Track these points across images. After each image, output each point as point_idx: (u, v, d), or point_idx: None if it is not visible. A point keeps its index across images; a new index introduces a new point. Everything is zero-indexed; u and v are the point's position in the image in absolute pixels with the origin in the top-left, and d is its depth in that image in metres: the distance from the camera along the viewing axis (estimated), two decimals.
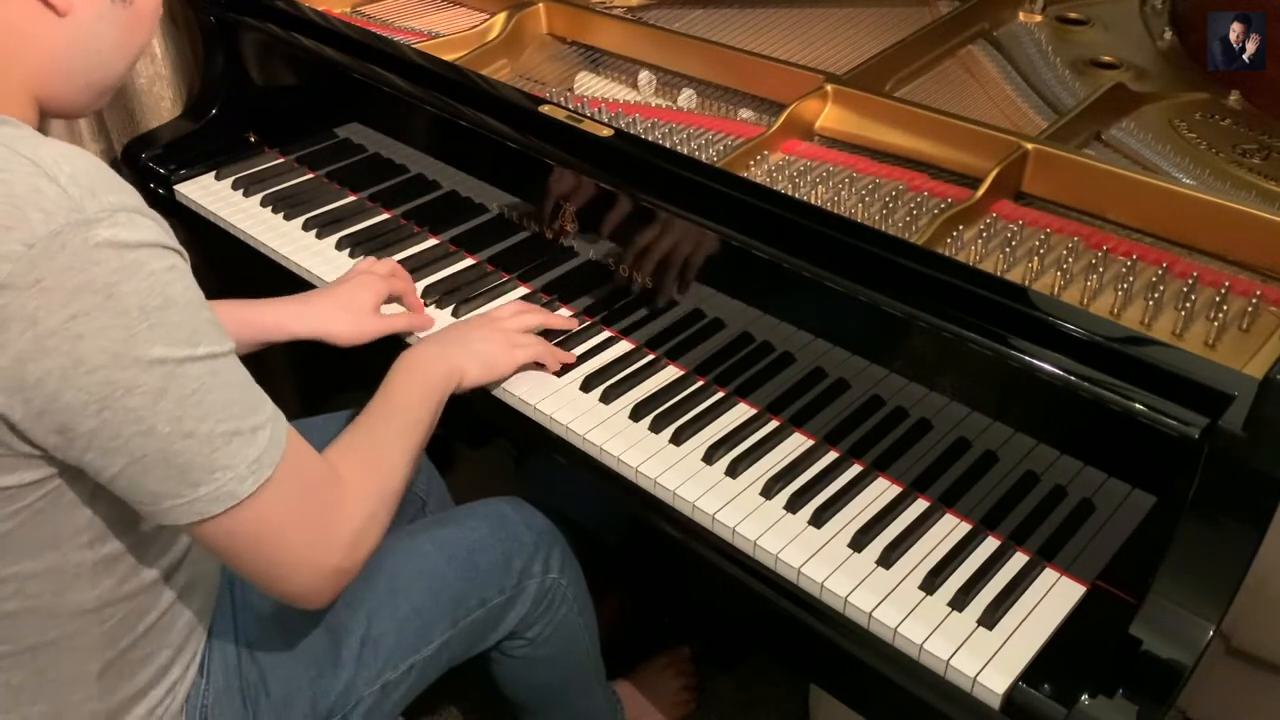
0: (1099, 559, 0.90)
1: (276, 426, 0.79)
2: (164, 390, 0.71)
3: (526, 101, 1.24)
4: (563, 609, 1.20)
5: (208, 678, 0.96)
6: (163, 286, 0.71)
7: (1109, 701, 0.79)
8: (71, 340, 0.67)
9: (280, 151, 1.58)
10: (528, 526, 1.18)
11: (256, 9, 1.50)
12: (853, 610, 0.90)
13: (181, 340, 0.72)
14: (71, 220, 0.67)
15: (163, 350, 0.70)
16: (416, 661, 1.07)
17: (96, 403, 0.69)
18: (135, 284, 0.69)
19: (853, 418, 1.04)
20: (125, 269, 0.69)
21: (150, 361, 0.70)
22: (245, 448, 0.75)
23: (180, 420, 0.72)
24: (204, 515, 0.75)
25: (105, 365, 0.68)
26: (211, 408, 0.73)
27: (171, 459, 0.72)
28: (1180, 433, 0.82)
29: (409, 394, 1.01)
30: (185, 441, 0.72)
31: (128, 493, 0.74)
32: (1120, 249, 1.05)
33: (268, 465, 0.77)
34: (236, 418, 0.75)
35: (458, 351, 1.07)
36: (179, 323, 0.72)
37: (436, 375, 1.04)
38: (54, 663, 0.83)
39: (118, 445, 0.71)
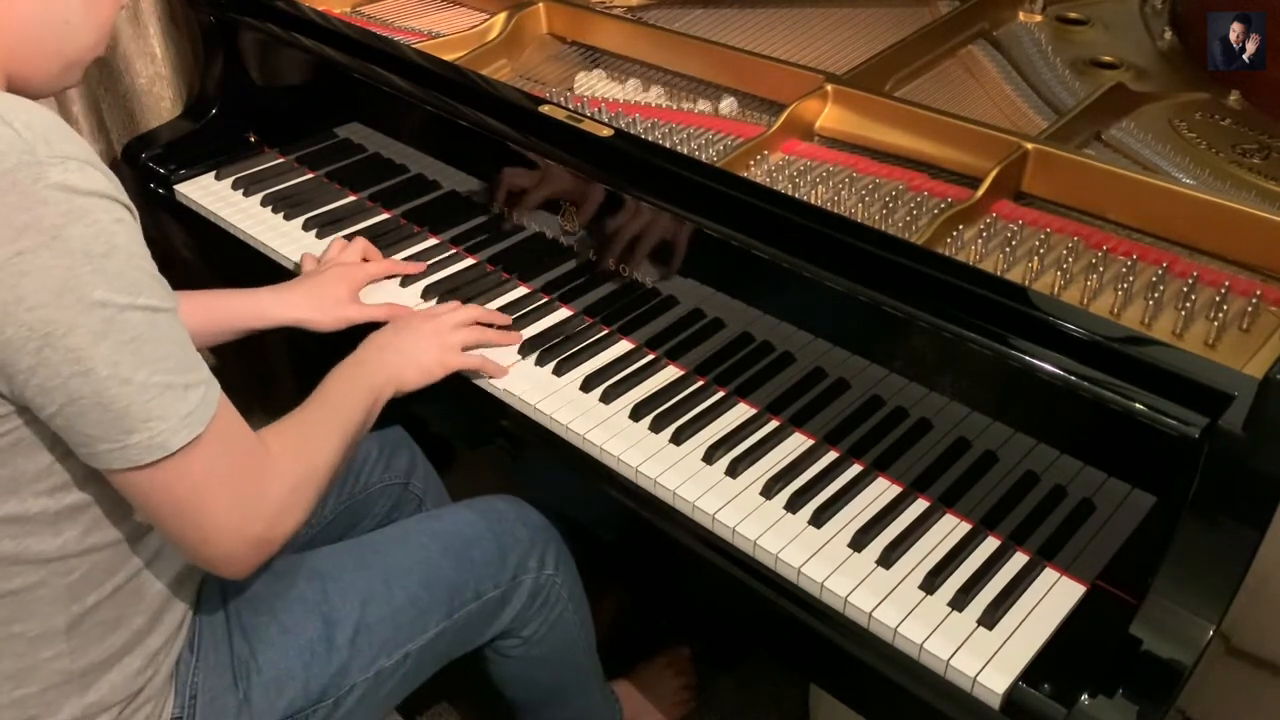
0: (1099, 559, 0.90)
1: (210, 389, 0.81)
2: (103, 334, 0.72)
3: (526, 101, 1.24)
4: (558, 607, 1.20)
5: (198, 654, 0.97)
6: (108, 235, 0.73)
7: (1109, 701, 0.79)
8: (16, 276, 0.69)
9: (280, 151, 1.58)
10: (523, 523, 1.18)
11: (256, 9, 1.50)
12: (853, 610, 0.90)
13: (123, 288, 0.74)
14: (23, 160, 0.70)
15: (104, 294, 0.72)
16: (411, 650, 1.08)
17: (37, 339, 0.71)
18: (81, 229, 0.71)
19: (853, 418, 1.04)
20: (72, 213, 0.71)
21: (92, 303, 0.72)
22: (177, 402, 0.77)
23: (117, 365, 0.73)
24: (135, 463, 0.76)
25: (47, 303, 0.70)
26: (148, 357, 0.75)
27: (108, 404, 0.74)
28: (1180, 433, 0.82)
29: (345, 394, 1.03)
30: (122, 387, 0.74)
31: (65, 433, 0.76)
32: (1120, 249, 1.05)
33: (199, 422, 0.78)
34: (171, 371, 0.77)
35: (395, 359, 1.10)
36: (121, 271, 0.74)
37: (375, 381, 1.06)
38: (18, 614, 0.84)
39: (56, 384, 0.73)
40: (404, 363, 1.10)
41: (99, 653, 0.88)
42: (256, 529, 0.85)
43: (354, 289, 1.25)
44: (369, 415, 1.04)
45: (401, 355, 1.10)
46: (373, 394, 1.04)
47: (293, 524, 0.89)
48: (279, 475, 0.87)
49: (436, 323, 1.15)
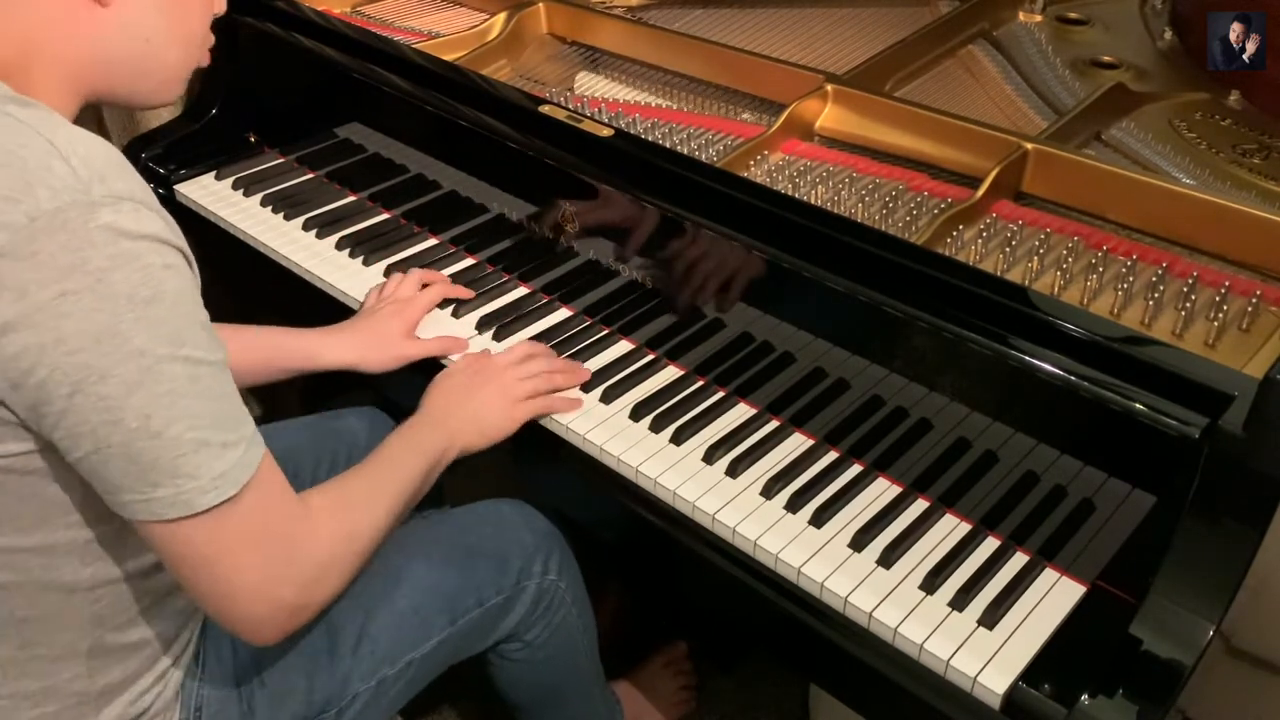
0: (1099, 559, 0.90)
1: (251, 449, 0.77)
2: (138, 384, 0.70)
3: (526, 101, 1.24)
4: (561, 612, 1.20)
5: (203, 666, 0.97)
6: (156, 281, 0.70)
7: (1109, 701, 0.79)
8: (56, 318, 0.68)
9: (280, 151, 1.58)
10: (528, 528, 1.18)
11: (256, 9, 1.50)
12: (853, 610, 0.90)
13: (165, 337, 0.71)
14: (76, 199, 0.68)
15: (143, 343, 0.70)
16: (414, 659, 1.07)
17: (70, 384, 0.69)
18: (127, 273, 0.69)
19: (853, 418, 1.04)
20: (120, 256, 0.69)
21: (130, 352, 0.70)
22: (212, 460, 0.74)
23: (149, 418, 0.71)
24: (158, 517, 0.74)
25: (85, 348, 0.68)
26: (183, 412, 0.72)
27: (134, 455, 0.72)
28: (1180, 433, 0.82)
29: (401, 457, 0.99)
30: (150, 440, 0.71)
31: (90, 478, 0.74)
32: (1120, 249, 1.05)
33: (232, 484, 0.75)
34: (208, 427, 0.74)
35: (457, 421, 1.05)
36: (165, 319, 0.71)
37: (433, 445, 1.02)
38: (43, 638, 0.83)
39: (84, 431, 0.71)
40: (468, 426, 1.06)
41: (117, 674, 0.88)
42: (287, 594, 0.81)
43: (409, 325, 1.20)
44: (426, 479, 1.00)
45: (466, 418, 1.06)
46: (430, 459, 1.00)
47: (328, 591, 0.85)
48: (316, 539, 0.84)
49: (503, 380, 1.10)
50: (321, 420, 1.31)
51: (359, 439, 1.28)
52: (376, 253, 1.35)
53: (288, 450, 1.22)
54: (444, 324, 1.24)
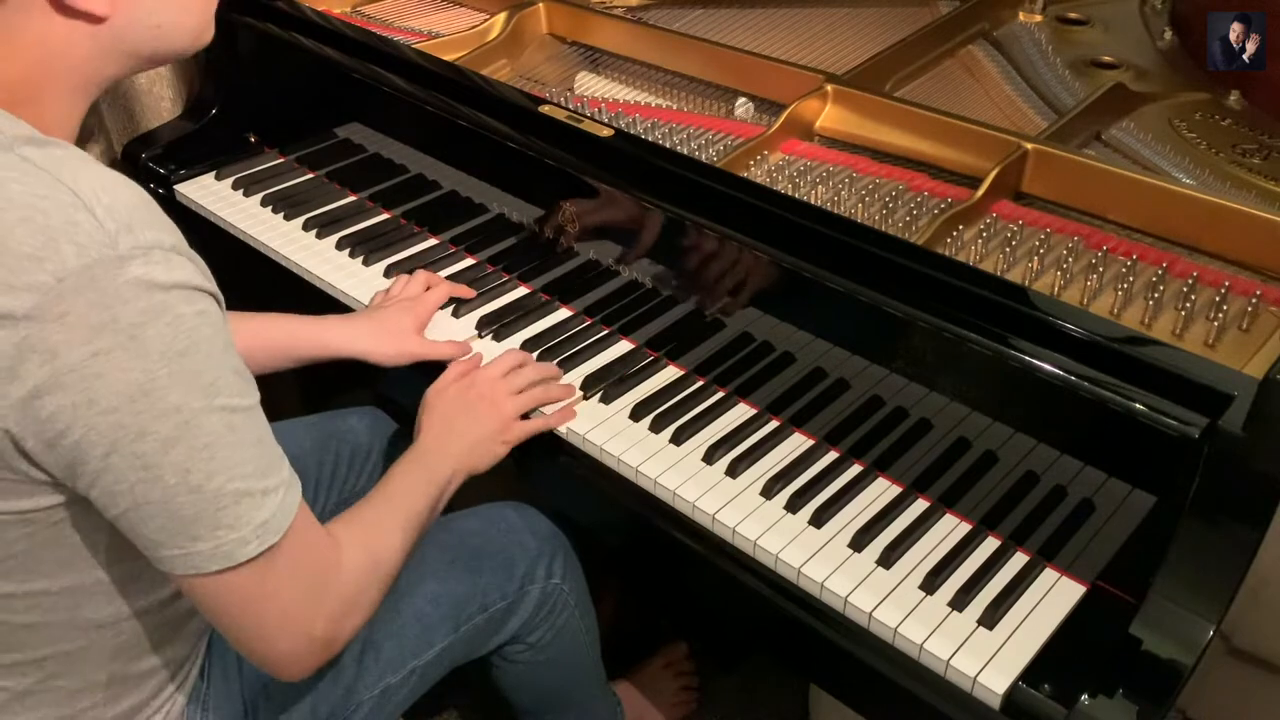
0: (1099, 559, 0.90)
1: (289, 492, 0.76)
2: (175, 440, 0.68)
3: (526, 101, 1.24)
4: (564, 614, 1.20)
5: (208, 681, 0.96)
6: (189, 331, 0.69)
7: (1109, 701, 0.79)
8: (89, 378, 0.66)
9: (280, 151, 1.58)
10: (531, 531, 1.18)
11: (256, 9, 1.50)
12: (853, 610, 0.90)
13: (201, 389, 0.69)
14: (104, 255, 0.65)
15: (179, 398, 0.68)
16: (417, 666, 1.07)
17: (106, 444, 0.67)
18: (160, 327, 0.67)
19: (853, 418, 1.04)
20: (152, 310, 0.67)
21: (166, 409, 0.68)
22: (253, 510, 0.73)
23: (188, 473, 0.69)
24: (198, 570, 0.73)
25: (119, 407, 0.67)
26: (223, 464, 0.71)
27: (175, 511, 0.70)
28: (1180, 433, 0.82)
29: (409, 488, 0.98)
30: (190, 495, 0.70)
31: (129, 534, 0.73)
32: (1120, 249, 1.05)
33: (274, 532, 0.74)
34: (248, 477, 0.72)
35: (457, 448, 1.04)
36: (199, 370, 0.69)
37: (439, 475, 1.01)
38: (65, 671, 0.82)
39: (122, 489, 0.69)
40: (467, 450, 1.04)
41: (133, 699, 0.88)
42: (319, 628, 0.81)
43: (419, 322, 1.20)
44: (435, 506, 0.99)
45: (464, 442, 1.05)
46: (438, 487, 0.99)
47: (357, 623, 0.85)
48: (344, 571, 0.83)
49: (494, 398, 1.08)
50: (323, 420, 1.31)
51: (360, 439, 1.29)
52: (376, 253, 1.35)
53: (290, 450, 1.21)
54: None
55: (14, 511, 0.72)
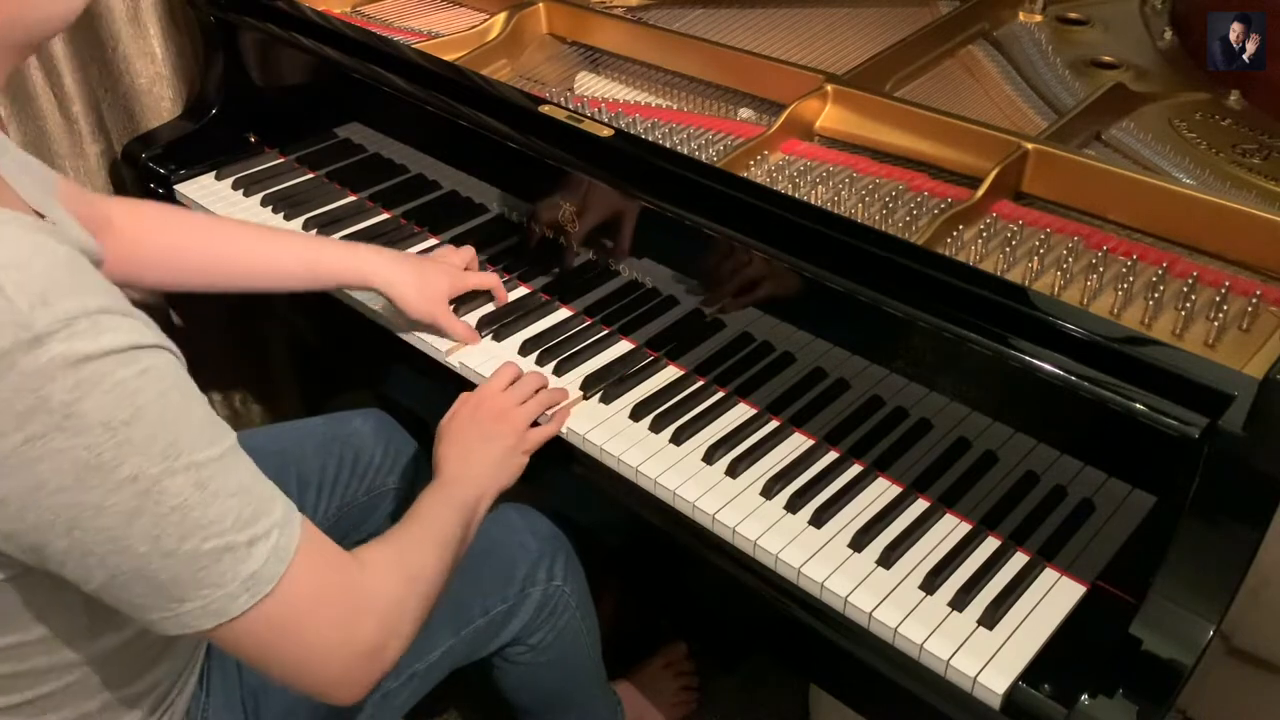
0: (1099, 559, 0.90)
1: (285, 533, 0.72)
2: (138, 509, 0.65)
3: (526, 101, 1.24)
4: (565, 616, 1.20)
5: (207, 690, 0.96)
6: (131, 396, 0.64)
7: (1109, 701, 0.79)
8: (30, 463, 0.62)
9: (280, 151, 1.58)
10: (533, 533, 1.18)
11: (256, 9, 1.50)
12: (853, 610, 0.90)
13: (156, 454, 0.65)
14: (19, 339, 0.60)
15: (133, 468, 0.64)
16: (418, 670, 1.07)
17: (65, 523, 0.64)
18: (97, 399, 0.62)
19: (853, 418, 1.04)
20: (85, 383, 0.62)
21: (119, 481, 0.64)
22: (239, 564, 0.69)
23: (159, 539, 0.66)
24: (193, 628, 0.70)
25: (69, 487, 0.63)
26: (196, 524, 0.67)
27: (151, 576, 0.67)
28: (1180, 433, 0.82)
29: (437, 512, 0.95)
30: (165, 560, 0.66)
31: (112, 603, 0.69)
32: (1120, 249, 1.05)
33: (266, 581, 0.70)
34: (227, 532, 0.68)
35: (480, 470, 1.02)
36: (152, 435, 0.64)
37: (467, 498, 0.98)
38: (54, 706, 0.80)
39: (93, 562, 0.66)
40: (491, 471, 1.03)
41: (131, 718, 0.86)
42: (365, 641, 0.77)
43: (454, 290, 1.21)
44: (467, 528, 0.97)
45: (485, 463, 1.03)
46: (467, 509, 0.97)
47: (402, 635, 0.81)
48: (378, 584, 0.80)
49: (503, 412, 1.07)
50: (328, 423, 1.30)
51: (365, 442, 1.28)
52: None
53: (295, 453, 1.22)
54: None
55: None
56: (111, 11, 1.52)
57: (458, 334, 1.19)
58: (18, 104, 1.47)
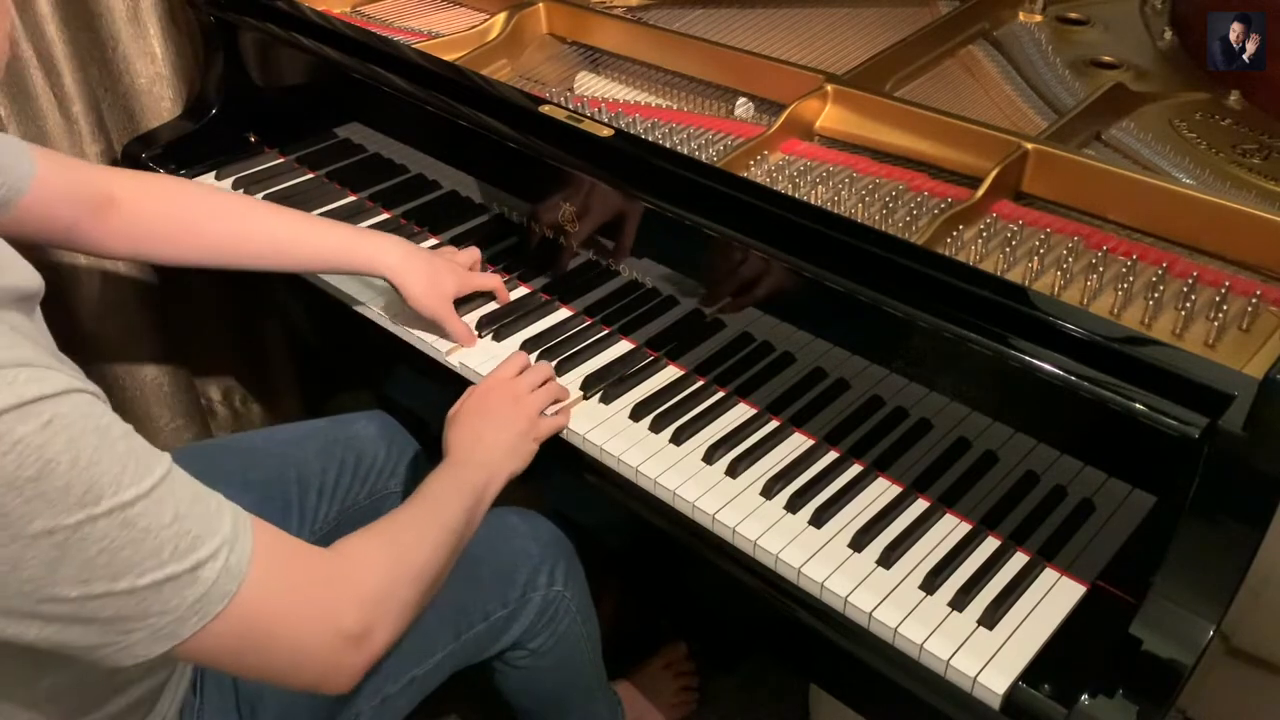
0: (1099, 559, 0.90)
1: (235, 549, 0.69)
2: (59, 560, 0.62)
3: (526, 101, 1.24)
4: (566, 620, 1.20)
5: (201, 696, 0.95)
6: (36, 451, 0.60)
7: (1109, 701, 0.79)
8: None
9: (280, 151, 1.58)
10: (534, 538, 1.18)
11: (256, 9, 1.50)
12: (853, 610, 0.90)
13: (71, 504, 0.62)
14: None
15: (46, 522, 0.61)
16: (417, 675, 1.07)
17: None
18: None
19: (853, 418, 1.04)
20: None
21: (33, 536, 0.61)
22: (183, 590, 0.66)
23: (88, 584, 0.63)
24: (145, 656, 0.67)
25: None
26: (129, 563, 0.64)
27: (89, 618, 0.64)
28: (1180, 433, 0.82)
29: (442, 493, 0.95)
30: (101, 601, 0.64)
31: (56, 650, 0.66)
32: (1120, 249, 1.05)
33: (218, 599, 0.68)
34: (167, 564, 0.65)
35: (490, 454, 1.02)
36: (65, 487, 0.61)
37: (471, 482, 0.98)
38: None
39: (25, 613, 0.63)
40: (501, 456, 1.02)
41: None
42: (345, 627, 0.76)
43: (460, 290, 1.20)
44: (471, 513, 0.95)
45: (495, 448, 1.03)
46: (475, 493, 0.96)
47: (393, 620, 0.80)
48: (356, 570, 0.79)
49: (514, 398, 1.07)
50: (330, 425, 1.30)
51: (367, 446, 1.28)
52: None
53: (296, 456, 1.21)
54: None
55: None
56: (111, 11, 1.52)
57: (458, 334, 1.19)
58: (17, 104, 1.47)
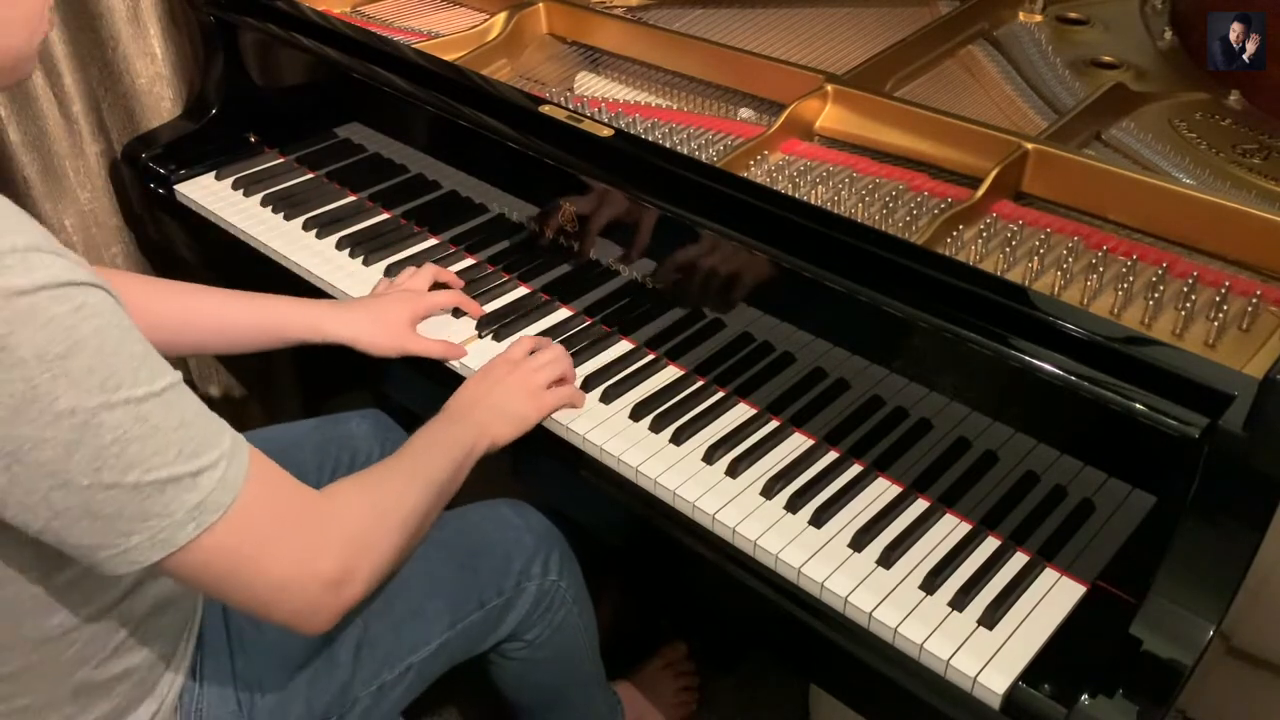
0: (1099, 559, 0.90)
1: (233, 463, 0.73)
2: (77, 442, 0.65)
3: (526, 101, 1.24)
4: (561, 611, 1.20)
5: (200, 681, 0.96)
6: (66, 331, 0.64)
7: (1109, 701, 0.79)
8: None
9: (280, 151, 1.58)
10: (528, 528, 1.18)
11: (256, 9, 1.50)
12: (853, 610, 0.90)
13: (93, 387, 0.65)
14: None
15: (70, 401, 0.64)
16: (414, 663, 1.07)
17: (4, 459, 0.64)
18: (30, 332, 0.63)
19: (853, 418, 1.04)
20: (17, 318, 0.63)
21: (57, 414, 0.64)
22: (184, 494, 0.70)
23: (99, 472, 0.66)
24: (141, 563, 0.70)
25: (6, 420, 0.63)
26: (137, 456, 0.67)
27: (95, 511, 0.67)
28: (1180, 433, 0.82)
29: (428, 446, 0.96)
30: (108, 493, 0.67)
31: (60, 547, 0.70)
32: (1120, 249, 1.05)
33: (212, 510, 0.71)
34: (171, 464, 0.69)
35: (483, 413, 1.04)
36: (89, 368, 0.65)
37: (460, 439, 0.99)
38: (22, 690, 0.80)
39: (36, 500, 0.66)
40: (495, 417, 1.04)
41: (106, 706, 0.86)
42: (326, 567, 0.77)
43: (416, 317, 1.20)
44: (456, 473, 0.97)
45: (492, 409, 1.04)
46: (459, 451, 0.98)
47: (370, 566, 0.81)
48: (340, 514, 0.81)
49: (522, 372, 1.08)
50: (325, 424, 1.30)
51: (362, 443, 1.28)
52: (376, 253, 1.35)
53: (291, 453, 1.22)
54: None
55: None
56: (112, 11, 1.52)
57: (435, 354, 1.19)
58: (18, 104, 1.47)
